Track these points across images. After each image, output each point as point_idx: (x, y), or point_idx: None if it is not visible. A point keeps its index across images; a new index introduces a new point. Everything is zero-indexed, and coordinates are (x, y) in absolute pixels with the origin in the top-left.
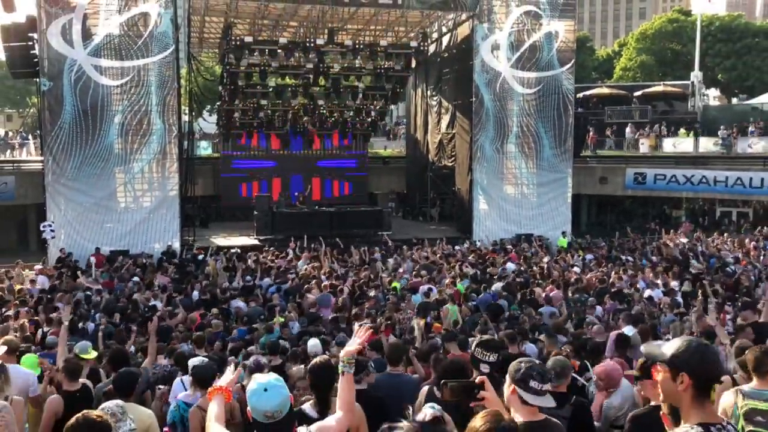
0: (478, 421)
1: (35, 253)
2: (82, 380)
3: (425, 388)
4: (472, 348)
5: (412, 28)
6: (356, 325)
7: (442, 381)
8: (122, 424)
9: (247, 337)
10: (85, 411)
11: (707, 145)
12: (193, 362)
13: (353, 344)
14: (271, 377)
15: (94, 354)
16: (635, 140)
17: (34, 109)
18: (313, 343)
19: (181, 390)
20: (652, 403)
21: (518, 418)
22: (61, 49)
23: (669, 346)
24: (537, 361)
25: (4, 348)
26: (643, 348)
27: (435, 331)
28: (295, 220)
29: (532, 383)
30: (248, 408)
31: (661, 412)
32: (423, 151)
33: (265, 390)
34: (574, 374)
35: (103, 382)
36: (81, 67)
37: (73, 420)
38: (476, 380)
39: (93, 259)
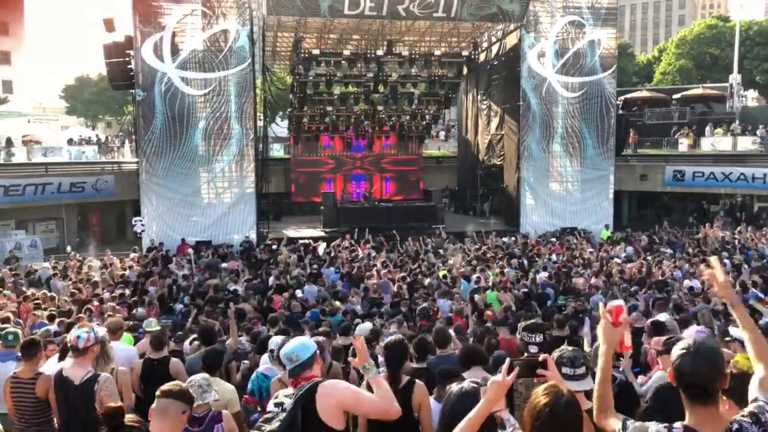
0: (539, 394)
1: (131, 243)
2: (165, 352)
3: None
4: (519, 332)
5: (464, 38)
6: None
7: (510, 360)
8: (207, 394)
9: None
10: (177, 382)
11: (746, 143)
12: (276, 342)
13: (357, 357)
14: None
15: (156, 327)
16: (675, 140)
17: (130, 117)
18: (364, 327)
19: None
20: None
21: None
22: (153, 63)
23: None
24: (568, 348)
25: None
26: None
27: (487, 318)
28: (357, 214)
29: (565, 369)
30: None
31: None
32: (474, 151)
33: (288, 341)
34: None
35: (194, 355)
36: (170, 79)
37: (167, 385)
38: (540, 359)
39: (191, 250)
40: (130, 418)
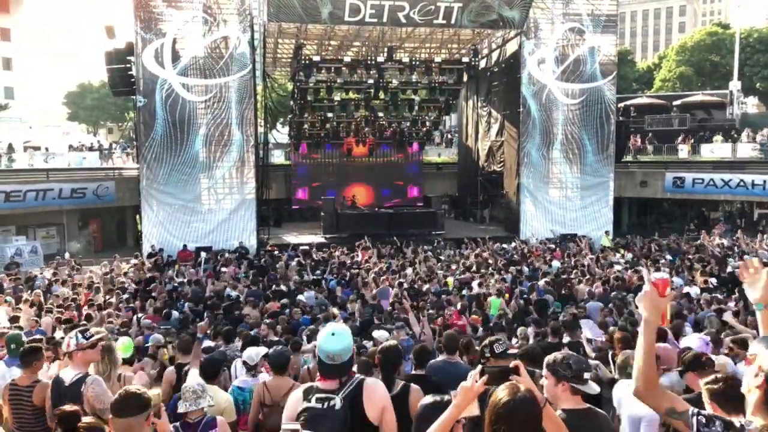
0: (499, 393)
1: (132, 248)
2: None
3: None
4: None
5: (464, 45)
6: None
7: (481, 366)
8: (202, 400)
9: (311, 325)
10: (132, 393)
11: (746, 150)
12: (250, 355)
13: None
14: (341, 325)
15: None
16: (675, 146)
17: (131, 123)
18: (380, 333)
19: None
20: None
21: (564, 405)
22: (154, 69)
23: None
24: (572, 353)
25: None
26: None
27: (474, 322)
28: (357, 221)
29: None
30: (316, 348)
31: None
32: (474, 157)
33: (333, 334)
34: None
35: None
36: (171, 86)
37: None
38: (511, 365)
39: (204, 254)
40: (87, 420)
